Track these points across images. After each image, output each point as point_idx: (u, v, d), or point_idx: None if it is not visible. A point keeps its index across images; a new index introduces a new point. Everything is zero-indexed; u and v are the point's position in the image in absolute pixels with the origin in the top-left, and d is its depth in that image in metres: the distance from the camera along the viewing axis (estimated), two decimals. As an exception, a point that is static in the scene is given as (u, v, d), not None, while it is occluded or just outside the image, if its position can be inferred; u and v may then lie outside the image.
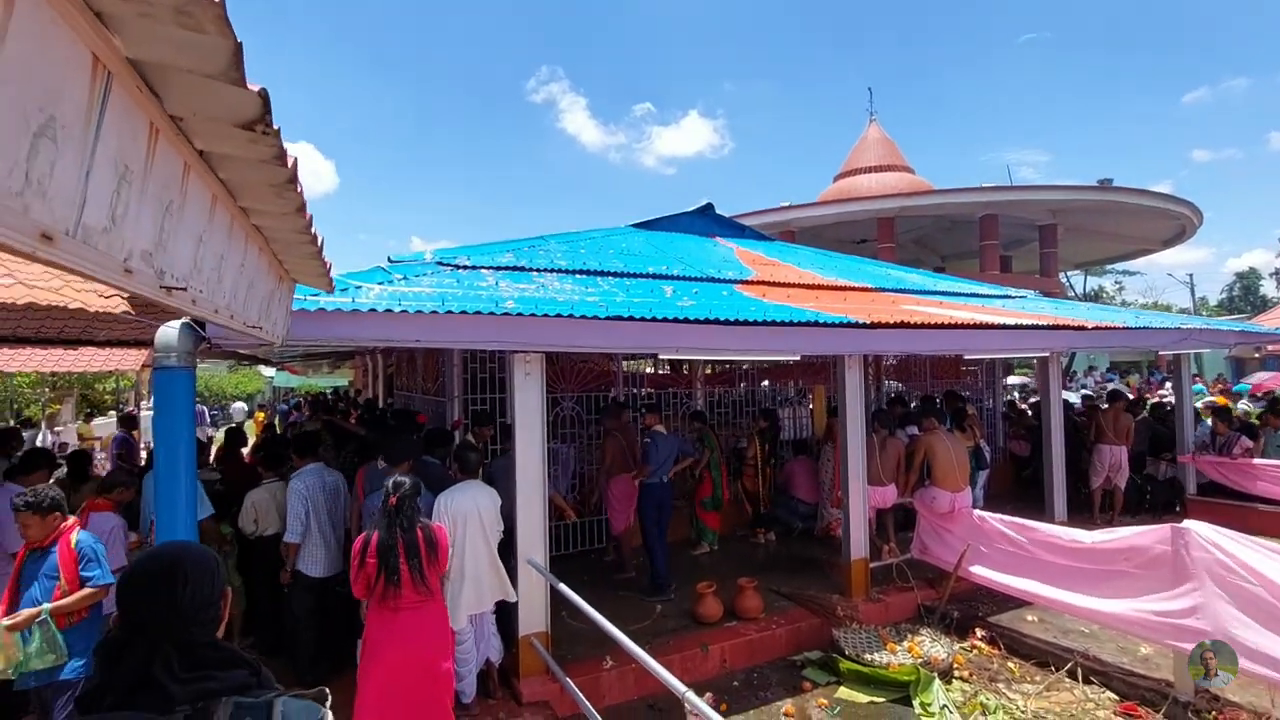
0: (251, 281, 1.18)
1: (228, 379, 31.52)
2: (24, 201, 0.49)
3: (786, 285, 7.29)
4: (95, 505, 4.04)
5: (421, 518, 3.44)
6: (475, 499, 4.04)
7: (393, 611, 3.25)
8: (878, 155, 23.99)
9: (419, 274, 5.23)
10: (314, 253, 1.22)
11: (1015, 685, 4.67)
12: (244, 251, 1.09)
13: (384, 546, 3.24)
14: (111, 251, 0.64)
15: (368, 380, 13.89)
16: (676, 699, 4.45)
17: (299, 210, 0.98)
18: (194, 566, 1.21)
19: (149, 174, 0.68)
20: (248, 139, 0.72)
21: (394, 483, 3.37)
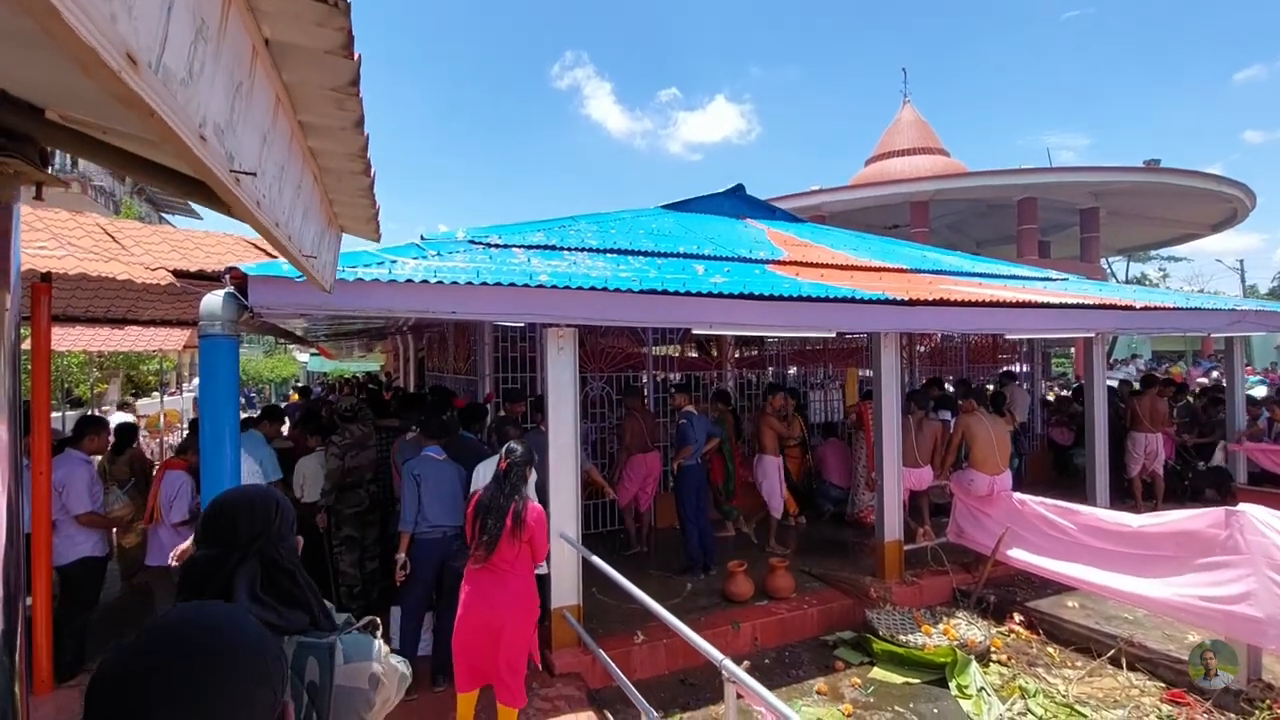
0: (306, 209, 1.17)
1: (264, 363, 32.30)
2: (111, 9, 0.47)
3: (820, 266, 7.16)
4: (170, 464, 4.50)
5: (528, 492, 3.44)
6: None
7: (483, 569, 3.33)
8: (911, 138, 23.47)
9: (452, 251, 5.25)
10: (366, 186, 1.21)
11: (1055, 670, 4.56)
12: (301, 173, 1.07)
13: (482, 506, 3.32)
14: (189, 109, 0.63)
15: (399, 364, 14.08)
16: (708, 674, 4.50)
17: (357, 125, 0.97)
18: (280, 499, 1.31)
19: (222, 39, 0.67)
20: (316, 19, 0.70)
21: (508, 448, 3.42)
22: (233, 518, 1.22)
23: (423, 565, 4.09)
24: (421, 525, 4.06)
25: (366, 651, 1.20)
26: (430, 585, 4.17)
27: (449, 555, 4.12)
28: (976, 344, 10.02)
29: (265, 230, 0.96)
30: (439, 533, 4.10)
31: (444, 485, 4.15)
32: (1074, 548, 5.04)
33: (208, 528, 1.23)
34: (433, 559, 4.12)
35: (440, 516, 4.09)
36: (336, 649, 1.17)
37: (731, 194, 9.67)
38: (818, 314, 4.87)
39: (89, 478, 4.31)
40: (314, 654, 1.15)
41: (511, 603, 3.32)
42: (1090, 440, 6.76)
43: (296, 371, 32.91)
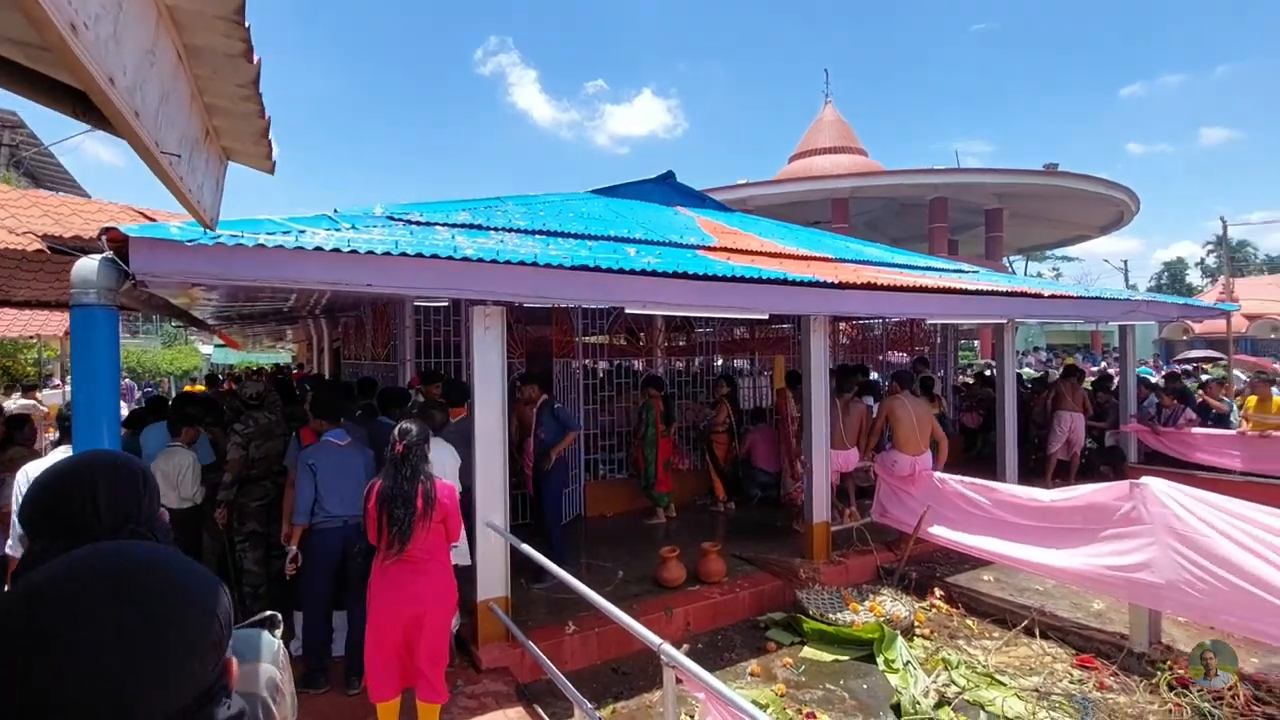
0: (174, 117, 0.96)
1: (162, 354, 29.99)
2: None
3: (749, 253, 7.18)
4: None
5: (430, 471, 3.22)
6: (439, 457, 3.83)
7: (391, 563, 3.09)
8: (833, 136, 24.20)
9: (369, 225, 4.90)
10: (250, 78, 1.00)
11: (975, 641, 4.73)
12: (173, 70, 0.87)
13: (385, 497, 3.06)
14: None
15: (312, 353, 13.29)
16: (642, 661, 4.41)
17: (236, 13, 0.78)
18: (108, 469, 1.02)
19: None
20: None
21: (400, 430, 3.16)
22: (82, 497, 0.97)
23: (322, 559, 3.80)
24: (319, 515, 3.76)
25: (262, 651, 0.99)
26: (332, 581, 3.87)
27: (351, 547, 3.83)
28: (896, 332, 10.38)
29: (120, 111, 0.75)
30: (339, 523, 3.80)
31: (346, 473, 3.85)
32: (990, 523, 5.25)
33: (45, 513, 0.97)
34: (333, 552, 3.82)
35: (340, 506, 3.79)
36: None
37: (662, 181, 9.60)
38: (750, 296, 4.85)
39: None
40: None
41: (431, 591, 3.13)
42: (1001, 421, 7.09)
43: (199, 363, 30.70)
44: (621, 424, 7.88)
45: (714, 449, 7.67)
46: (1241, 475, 7.39)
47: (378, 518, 3.05)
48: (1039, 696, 3.96)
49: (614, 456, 7.82)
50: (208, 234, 2.91)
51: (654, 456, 6.99)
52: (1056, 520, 4.79)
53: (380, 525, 3.04)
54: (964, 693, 4.02)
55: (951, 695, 3.99)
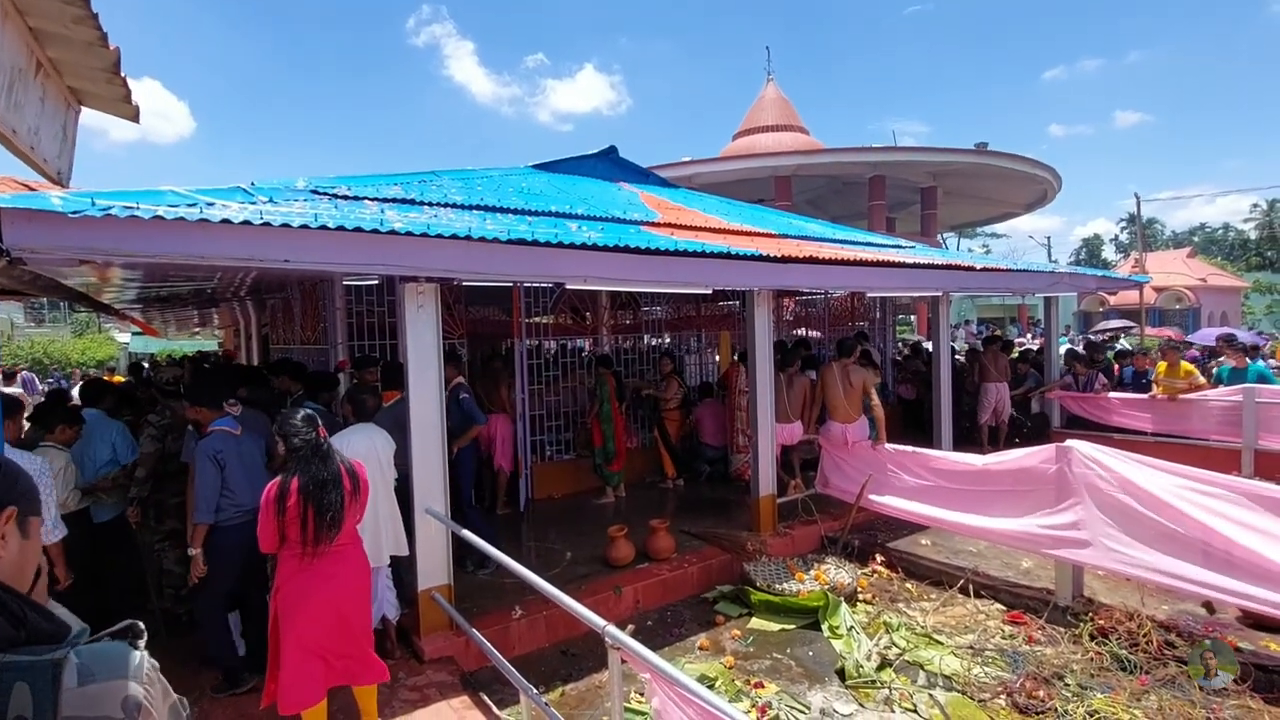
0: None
1: (73, 344, 28.05)
2: None
3: (694, 229, 7.12)
4: None
5: (341, 454, 3.06)
6: (373, 442, 3.65)
7: (316, 558, 2.90)
8: (775, 115, 24.34)
9: (289, 199, 4.59)
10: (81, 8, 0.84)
11: (914, 604, 4.87)
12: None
13: (315, 485, 2.86)
14: None
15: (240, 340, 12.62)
16: (590, 642, 4.36)
17: None
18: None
19: None
20: None
21: (305, 416, 2.96)
22: None
23: (232, 555, 3.55)
24: (229, 510, 3.52)
25: (118, 667, 0.84)
26: (235, 583, 3.66)
27: (254, 540, 3.64)
28: (837, 307, 10.56)
29: None
30: (246, 515, 3.54)
31: (249, 462, 3.64)
32: (927, 490, 5.41)
33: None
34: (242, 547, 3.54)
35: (247, 497, 3.54)
36: (65, 667, 0.82)
37: (604, 156, 9.40)
38: (694, 270, 4.79)
39: None
40: (25, 678, 0.80)
41: (354, 573, 3.04)
42: (936, 392, 7.31)
43: (114, 353, 28.83)
44: (568, 404, 7.76)
45: (665, 426, 7.66)
46: (1153, 436, 7.86)
47: (301, 513, 2.84)
48: (974, 653, 4.11)
49: (561, 437, 7.71)
50: (96, 205, 2.63)
51: (611, 432, 6.92)
52: (989, 484, 4.97)
53: (304, 519, 2.84)
54: (904, 654, 4.14)
55: (893, 657, 4.10)
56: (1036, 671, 3.80)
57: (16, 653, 0.81)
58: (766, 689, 3.80)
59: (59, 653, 0.82)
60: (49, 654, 0.82)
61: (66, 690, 0.80)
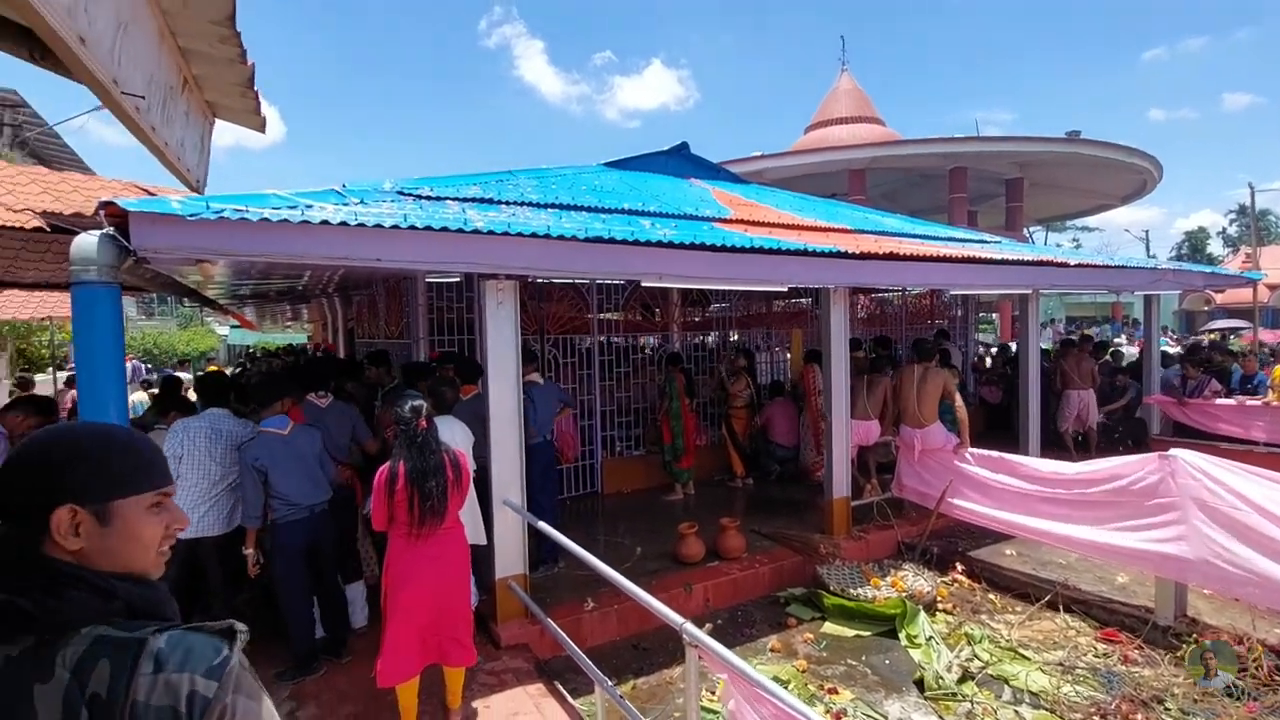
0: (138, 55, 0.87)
1: (179, 336, 30.28)
2: None
3: (766, 224, 7.02)
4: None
5: (446, 444, 3.22)
6: (452, 434, 3.78)
7: (421, 539, 3.07)
8: (850, 106, 23.66)
9: (378, 200, 4.81)
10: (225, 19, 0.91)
11: (998, 616, 4.67)
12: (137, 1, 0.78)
13: (416, 474, 3.01)
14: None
15: (327, 333, 13.30)
16: (661, 638, 4.38)
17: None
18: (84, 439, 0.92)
19: None
20: None
21: (412, 407, 3.09)
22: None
23: (296, 549, 3.72)
24: (282, 509, 3.65)
25: (196, 661, 0.81)
26: (306, 569, 3.80)
27: (319, 534, 3.79)
28: (914, 305, 10.19)
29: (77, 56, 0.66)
30: (304, 511, 3.70)
31: (301, 462, 3.72)
32: (1012, 497, 5.15)
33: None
34: (303, 542, 3.73)
35: (302, 495, 3.69)
36: (145, 650, 0.80)
37: (676, 153, 9.39)
38: (769, 268, 4.73)
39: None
40: (109, 654, 0.80)
41: (457, 556, 3.21)
42: (1024, 395, 6.95)
43: (215, 344, 30.99)
44: (638, 400, 7.81)
45: (732, 424, 7.59)
46: (1265, 447, 7.22)
47: (408, 497, 3.01)
48: (1063, 670, 3.90)
49: (631, 433, 7.77)
50: (210, 208, 2.83)
51: (680, 429, 6.93)
52: (1081, 493, 4.69)
53: (411, 503, 3.00)
54: (988, 667, 3.97)
55: (975, 670, 3.94)
56: (1133, 693, 3.57)
57: (111, 625, 0.83)
58: (841, 695, 3.72)
59: (144, 633, 0.83)
60: (138, 632, 0.83)
61: (141, 674, 0.79)
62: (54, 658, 0.79)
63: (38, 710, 0.77)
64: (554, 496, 5.47)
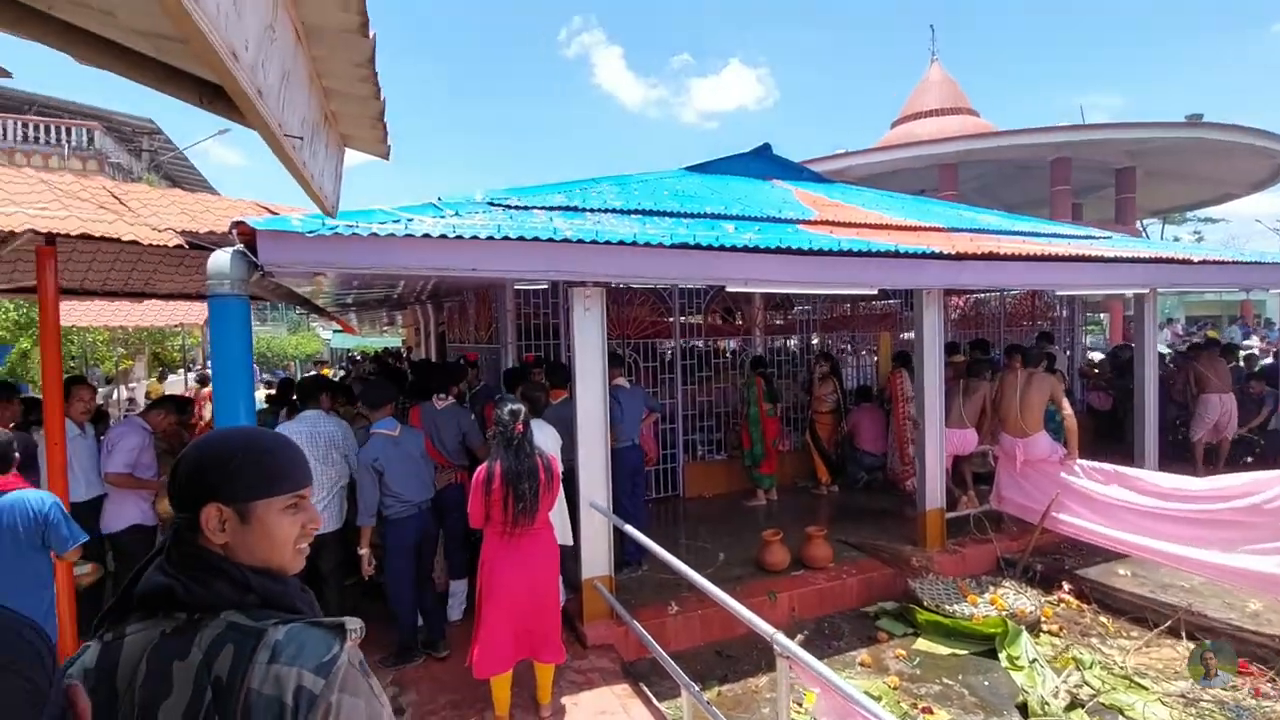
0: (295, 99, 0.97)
1: (289, 340, 32.59)
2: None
3: (853, 225, 6.83)
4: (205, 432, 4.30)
5: (540, 447, 3.36)
6: (543, 437, 3.90)
7: (514, 538, 3.21)
8: (940, 98, 22.64)
9: (470, 211, 5.03)
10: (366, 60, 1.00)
11: (1110, 641, 4.35)
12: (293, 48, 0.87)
13: (511, 476, 3.15)
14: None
15: (419, 337, 13.97)
16: (746, 645, 4.35)
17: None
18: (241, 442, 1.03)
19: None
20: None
21: (511, 410, 3.23)
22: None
23: (407, 544, 3.90)
24: (393, 506, 3.82)
25: (308, 656, 0.86)
26: (414, 565, 3.98)
27: (426, 530, 3.96)
28: (1014, 306, 9.64)
29: (240, 87, 0.75)
30: (413, 509, 3.88)
31: (410, 461, 3.89)
32: (1128, 514, 4.79)
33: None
34: (411, 537, 3.90)
35: (411, 493, 3.86)
36: (263, 640, 0.86)
37: (757, 154, 9.29)
38: (859, 270, 4.60)
39: (136, 445, 4.16)
40: (235, 640, 0.87)
41: (547, 556, 3.32)
42: (1140, 402, 6.43)
43: (320, 348, 33.18)
44: (720, 404, 7.78)
45: (817, 429, 7.43)
46: None
47: (503, 497, 3.14)
48: (1186, 703, 3.60)
49: (712, 437, 7.75)
50: (326, 225, 3.05)
51: (759, 435, 6.86)
52: (1209, 511, 4.30)
53: (506, 503, 3.13)
54: (1099, 695, 3.71)
55: (1085, 697, 3.68)
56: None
57: (244, 614, 0.90)
58: (937, 716, 3.57)
59: (266, 624, 0.89)
60: (261, 622, 0.89)
61: (256, 663, 0.85)
62: (194, 637, 0.88)
63: (174, 684, 0.86)
64: (641, 500, 5.49)
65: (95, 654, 0.88)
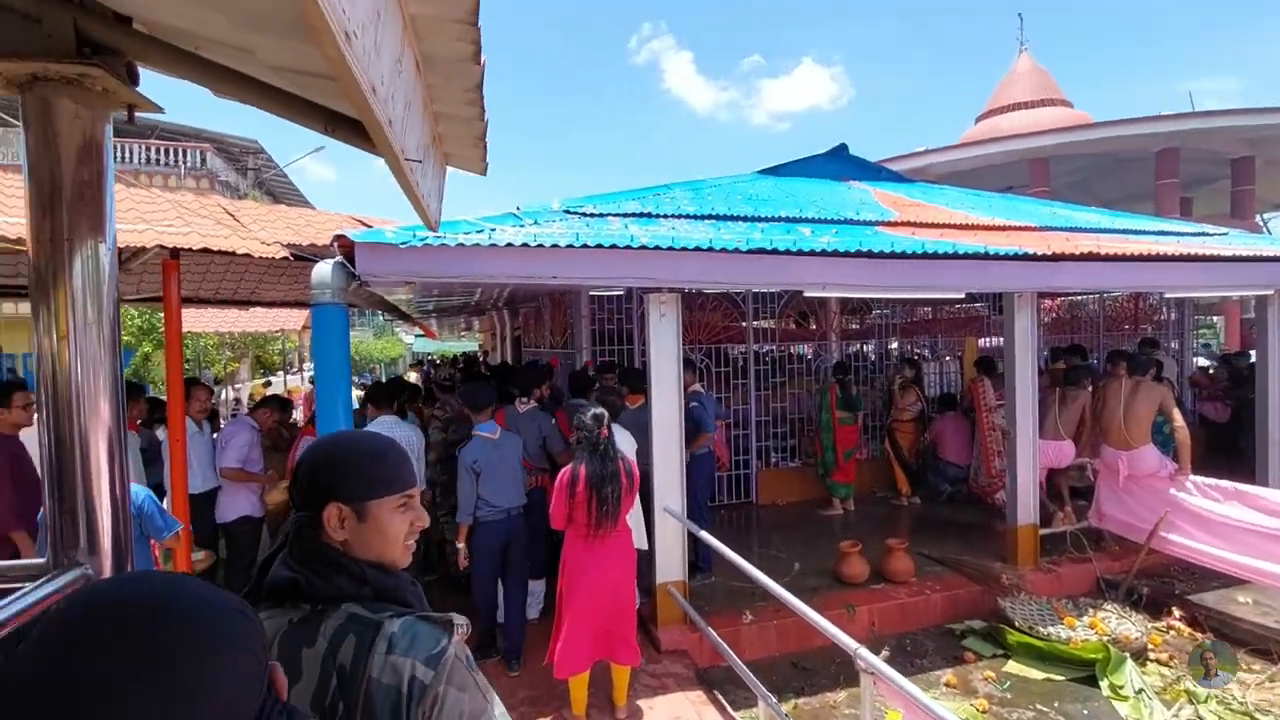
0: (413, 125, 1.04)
1: (374, 344, 34.28)
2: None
3: (937, 226, 6.57)
4: (306, 431, 4.93)
5: (622, 452, 3.42)
6: (620, 442, 3.95)
7: (595, 540, 3.28)
8: (1029, 89, 21.50)
9: (548, 220, 5.15)
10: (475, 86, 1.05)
11: (1230, 674, 3.99)
12: (413, 78, 0.93)
13: (595, 479, 3.22)
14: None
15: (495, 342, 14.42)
16: (823, 658, 4.25)
17: (470, 15, 0.81)
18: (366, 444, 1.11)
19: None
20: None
21: (595, 415, 3.30)
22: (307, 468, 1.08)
23: (493, 545, 3.96)
24: (483, 509, 3.88)
25: (420, 648, 0.91)
26: (497, 566, 4.04)
27: (513, 535, 4.00)
28: (1114, 309, 9.02)
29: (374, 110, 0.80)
30: (502, 514, 3.92)
31: (505, 466, 3.92)
32: (1250, 536, 4.39)
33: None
34: (497, 540, 3.95)
35: (503, 498, 3.90)
36: (381, 632, 0.92)
37: (833, 155, 9.09)
38: (944, 273, 4.43)
39: (247, 441, 4.51)
40: (357, 631, 0.93)
41: (626, 558, 3.38)
42: (1263, 414, 5.88)
43: (403, 352, 34.73)
44: (794, 410, 7.64)
45: (897, 438, 7.18)
46: None
47: (587, 500, 3.20)
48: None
49: (786, 444, 7.62)
50: (416, 236, 3.21)
51: (830, 443, 6.70)
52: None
53: (590, 506, 3.20)
54: (1218, 733, 3.41)
55: (1201, 735, 3.40)
56: None
57: (362, 605, 0.96)
58: (1030, 743, 3.38)
59: (383, 616, 0.94)
60: (379, 614, 0.94)
61: (376, 653, 0.90)
62: (319, 627, 0.94)
63: (303, 670, 0.92)
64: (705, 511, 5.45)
65: None
